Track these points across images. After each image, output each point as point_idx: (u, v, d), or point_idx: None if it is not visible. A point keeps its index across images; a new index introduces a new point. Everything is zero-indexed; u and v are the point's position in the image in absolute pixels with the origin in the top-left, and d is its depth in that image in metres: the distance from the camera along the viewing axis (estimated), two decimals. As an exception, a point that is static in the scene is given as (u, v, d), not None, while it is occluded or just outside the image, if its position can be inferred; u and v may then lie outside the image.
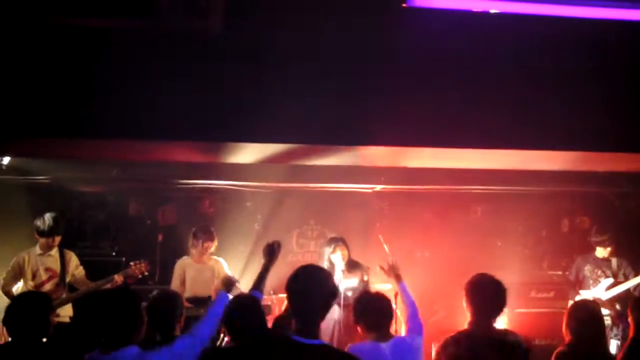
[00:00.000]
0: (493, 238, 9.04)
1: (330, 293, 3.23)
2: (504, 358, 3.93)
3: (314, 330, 3.12)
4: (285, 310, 5.36)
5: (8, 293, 6.48)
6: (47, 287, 6.57)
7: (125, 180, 8.15)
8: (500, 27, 5.86)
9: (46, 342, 4.18)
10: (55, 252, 6.71)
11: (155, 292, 4.71)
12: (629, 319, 5.23)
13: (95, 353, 3.82)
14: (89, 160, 7.44)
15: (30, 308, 4.17)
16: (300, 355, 3.04)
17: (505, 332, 4.29)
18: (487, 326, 4.11)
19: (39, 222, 6.64)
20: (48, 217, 6.66)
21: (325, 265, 6.95)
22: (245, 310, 4.19)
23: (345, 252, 7.10)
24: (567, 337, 4.67)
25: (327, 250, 7.14)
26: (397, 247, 8.33)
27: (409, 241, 8.75)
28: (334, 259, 7.04)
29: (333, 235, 7.54)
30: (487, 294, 4.17)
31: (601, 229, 7.54)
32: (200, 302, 6.84)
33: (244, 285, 6.91)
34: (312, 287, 3.18)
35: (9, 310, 4.23)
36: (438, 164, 7.47)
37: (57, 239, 6.69)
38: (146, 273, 6.83)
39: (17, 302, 4.33)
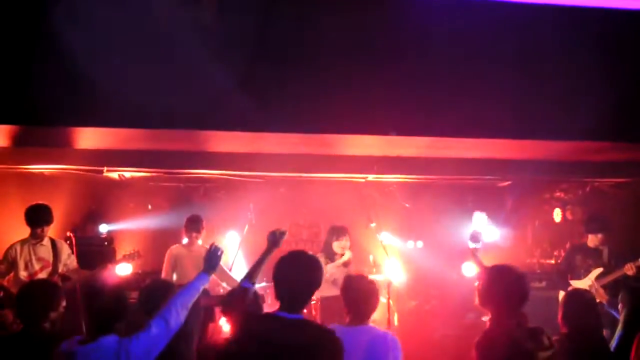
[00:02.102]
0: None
1: (311, 282, 3.50)
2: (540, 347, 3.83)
3: (297, 308, 3.43)
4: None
5: (0, 284, 6.46)
6: (40, 277, 6.55)
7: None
8: (491, 16, 5.87)
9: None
10: (46, 241, 6.71)
11: (148, 281, 4.72)
12: (619, 307, 5.26)
13: (73, 342, 3.76)
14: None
15: (43, 295, 4.21)
16: (279, 326, 3.35)
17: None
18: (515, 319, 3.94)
19: (29, 212, 6.63)
20: (38, 207, 6.64)
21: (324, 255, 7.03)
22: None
23: (347, 242, 7.23)
24: (563, 328, 4.68)
25: (330, 237, 7.25)
26: (390, 236, 8.39)
27: (402, 230, 8.76)
28: (337, 248, 7.15)
29: (337, 224, 7.55)
30: (510, 287, 3.99)
31: (592, 216, 7.57)
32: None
33: (238, 275, 6.95)
34: (295, 274, 3.46)
35: (20, 298, 4.28)
36: (431, 153, 7.47)
37: (47, 228, 6.69)
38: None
39: (28, 290, 4.34)
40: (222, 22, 5.60)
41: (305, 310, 3.57)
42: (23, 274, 6.54)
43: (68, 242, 7.09)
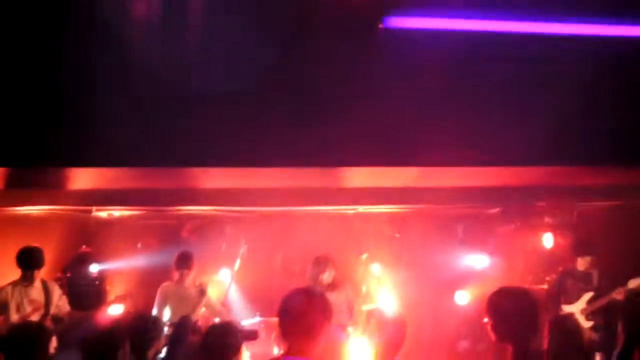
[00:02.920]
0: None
1: (321, 317, 3.23)
2: None
3: (304, 349, 3.15)
4: None
5: (-8, 327, 6.40)
6: (32, 319, 6.50)
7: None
8: (477, 45, 5.93)
9: None
10: (38, 283, 6.68)
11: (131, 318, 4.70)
12: (619, 329, 5.26)
13: None
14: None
15: (30, 339, 4.17)
16: None
17: None
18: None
19: (21, 256, 6.60)
20: (29, 250, 6.63)
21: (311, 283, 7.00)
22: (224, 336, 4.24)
23: (333, 271, 7.18)
24: (547, 356, 4.66)
25: (315, 269, 7.21)
26: (381, 266, 8.38)
27: (393, 260, 8.74)
28: (321, 278, 7.11)
29: (320, 254, 7.52)
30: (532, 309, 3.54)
31: (580, 239, 7.61)
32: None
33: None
34: (298, 310, 3.21)
35: (7, 341, 4.22)
36: (420, 183, 7.50)
37: (39, 271, 6.66)
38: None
39: (15, 333, 4.30)
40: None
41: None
42: (15, 317, 6.49)
43: (59, 282, 7.04)
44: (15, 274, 6.67)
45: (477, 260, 8.89)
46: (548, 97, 6.03)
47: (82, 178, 6.71)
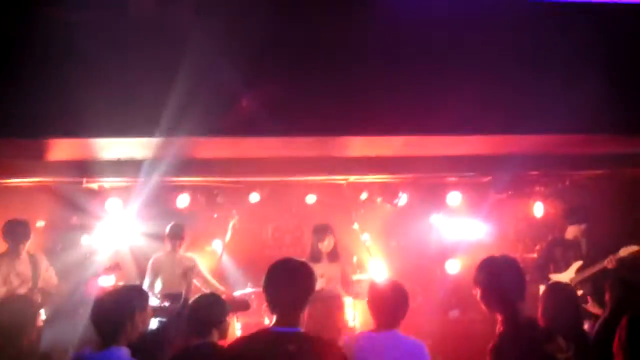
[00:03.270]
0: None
1: (305, 287, 3.33)
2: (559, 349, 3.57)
3: (291, 320, 3.23)
4: None
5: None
6: (20, 292, 6.50)
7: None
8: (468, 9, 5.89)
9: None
10: (25, 256, 6.65)
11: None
12: (606, 297, 5.29)
13: (84, 351, 3.82)
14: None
15: (18, 312, 4.19)
16: (276, 341, 3.14)
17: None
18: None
19: (6, 228, 6.58)
20: (15, 222, 6.61)
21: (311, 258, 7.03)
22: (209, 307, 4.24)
23: (332, 240, 7.22)
24: (542, 322, 4.69)
25: (314, 237, 7.25)
26: (372, 236, 8.40)
27: (384, 230, 8.77)
28: (320, 247, 7.16)
29: (319, 222, 7.54)
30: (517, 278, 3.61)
31: (571, 207, 7.63)
32: (174, 297, 6.82)
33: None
34: (286, 282, 3.29)
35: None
36: (412, 152, 7.48)
37: (26, 243, 6.64)
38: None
39: (2, 307, 4.30)
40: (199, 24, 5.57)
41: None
42: (2, 290, 6.48)
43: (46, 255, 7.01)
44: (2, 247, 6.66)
45: (468, 229, 8.91)
46: (542, 67, 6.01)
47: (71, 148, 6.65)
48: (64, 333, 5.97)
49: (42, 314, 6.39)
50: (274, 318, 3.29)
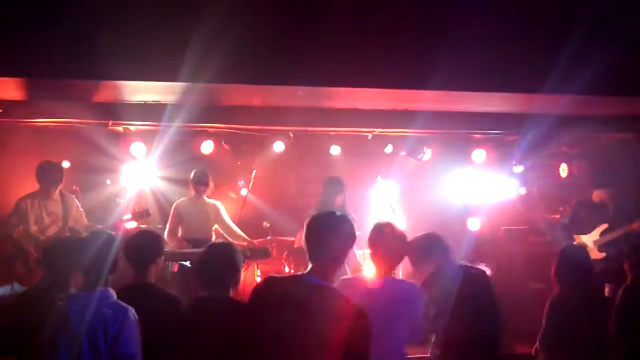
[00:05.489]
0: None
1: (346, 245, 3.32)
2: None
3: (325, 273, 3.25)
4: None
5: (11, 236, 6.50)
6: (51, 230, 6.62)
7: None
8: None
9: None
10: (56, 196, 6.75)
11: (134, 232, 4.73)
12: (625, 265, 5.27)
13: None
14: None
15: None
16: (305, 291, 3.17)
17: None
18: None
19: (41, 171, 6.65)
20: (50, 165, 6.69)
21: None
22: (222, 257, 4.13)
23: (343, 196, 7.17)
24: (556, 285, 4.70)
25: (327, 189, 7.21)
26: (395, 189, 8.39)
27: (408, 183, 8.73)
28: (332, 200, 7.11)
29: (332, 176, 7.49)
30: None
31: (599, 171, 7.54)
32: (198, 242, 6.87)
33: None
34: (326, 236, 3.26)
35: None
36: (438, 107, 7.41)
37: (57, 185, 6.72)
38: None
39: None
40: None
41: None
42: (34, 228, 6.60)
43: (74, 195, 7.09)
44: (31, 183, 6.73)
45: (491, 188, 8.86)
46: (566, 25, 5.90)
47: (98, 90, 6.67)
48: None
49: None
50: (310, 266, 3.28)
